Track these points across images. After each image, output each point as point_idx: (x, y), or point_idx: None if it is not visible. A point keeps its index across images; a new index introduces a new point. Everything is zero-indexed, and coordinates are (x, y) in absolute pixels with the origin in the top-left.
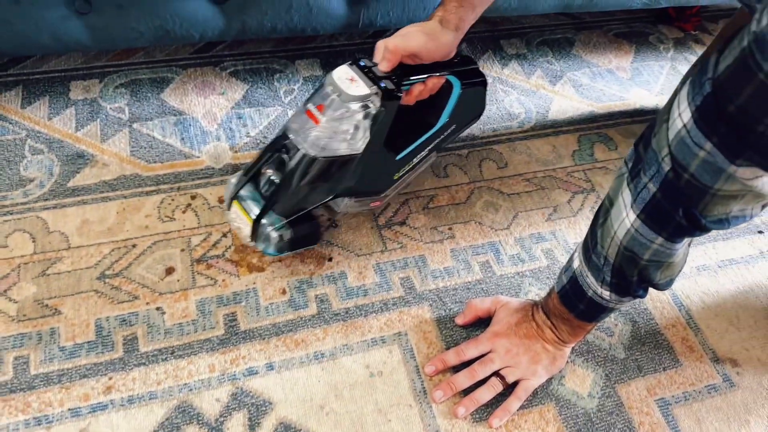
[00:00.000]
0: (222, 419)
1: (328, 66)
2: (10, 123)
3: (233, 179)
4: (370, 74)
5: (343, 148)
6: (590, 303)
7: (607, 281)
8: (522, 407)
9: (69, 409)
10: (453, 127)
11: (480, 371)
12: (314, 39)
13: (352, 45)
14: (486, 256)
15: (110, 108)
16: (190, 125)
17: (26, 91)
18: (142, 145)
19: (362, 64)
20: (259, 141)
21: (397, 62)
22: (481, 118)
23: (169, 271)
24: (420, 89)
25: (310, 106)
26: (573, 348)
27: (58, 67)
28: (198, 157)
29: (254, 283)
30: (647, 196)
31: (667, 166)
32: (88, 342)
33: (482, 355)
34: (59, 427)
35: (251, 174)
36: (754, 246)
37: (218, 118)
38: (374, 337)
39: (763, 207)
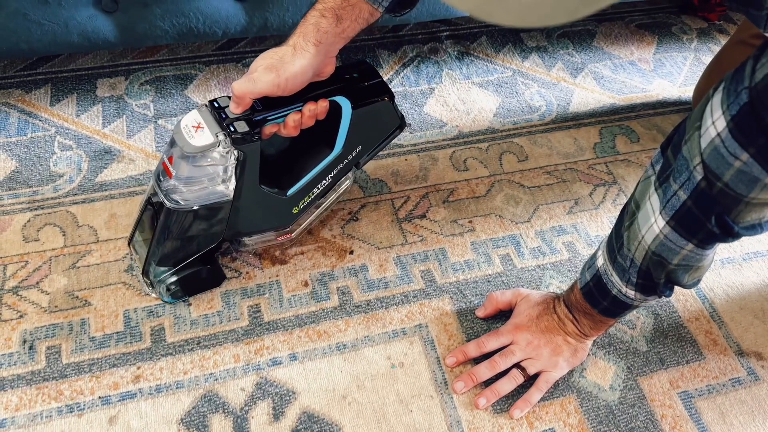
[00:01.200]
0: (247, 408)
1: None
2: (40, 120)
3: (131, 227)
4: (221, 117)
5: (208, 198)
6: (614, 301)
7: (633, 282)
8: (543, 399)
9: (99, 397)
10: (359, 148)
11: (501, 363)
12: None
13: (372, 40)
14: (507, 248)
15: (136, 105)
16: None
17: (55, 88)
18: (166, 140)
19: (216, 105)
20: None
21: (247, 106)
22: (501, 110)
23: None
24: (296, 119)
25: (165, 158)
26: (594, 340)
27: (86, 65)
28: None
29: (277, 276)
30: (677, 204)
31: (699, 174)
32: (117, 332)
33: (503, 347)
34: (90, 415)
35: (135, 226)
36: None
37: None
38: (395, 329)
39: None
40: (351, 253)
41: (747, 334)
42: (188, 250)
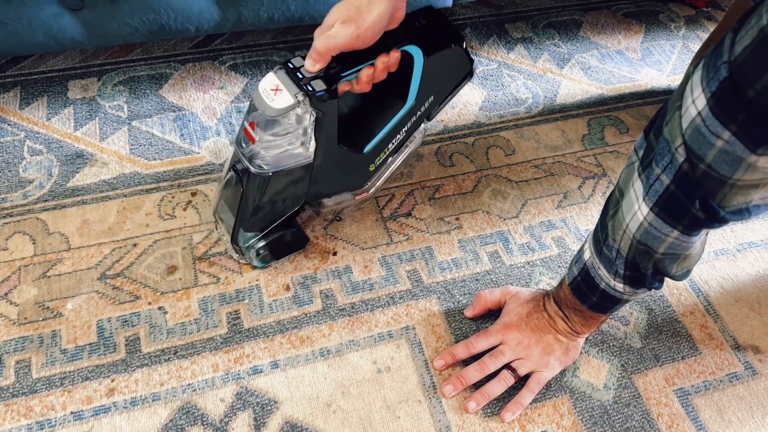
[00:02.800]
0: (227, 419)
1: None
2: (9, 124)
3: (214, 199)
4: (298, 77)
5: (290, 160)
6: (603, 295)
7: (621, 274)
8: (535, 400)
9: (72, 413)
10: (431, 99)
11: (491, 364)
12: (314, 28)
13: None
14: (495, 245)
15: (109, 106)
16: (189, 121)
17: (24, 91)
18: (141, 142)
19: (291, 65)
20: None
21: (326, 63)
22: (487, 104)
23: (171, 269)
24: (369, 73)
25: (246, 124)
26: (587, 338)
27: (56, 67)
28: (198, 153)
29: (257, 280)
30: (660, 189)
31: (681, 156)
32: (90, 344)
33: (492, 348)
34: (62, 431)
35: (220, 194)
36: None
37: (218, 112)
38: (381, 332)
39: None
40: (334, 254)
41: (743, 327)
42: (274, 214)
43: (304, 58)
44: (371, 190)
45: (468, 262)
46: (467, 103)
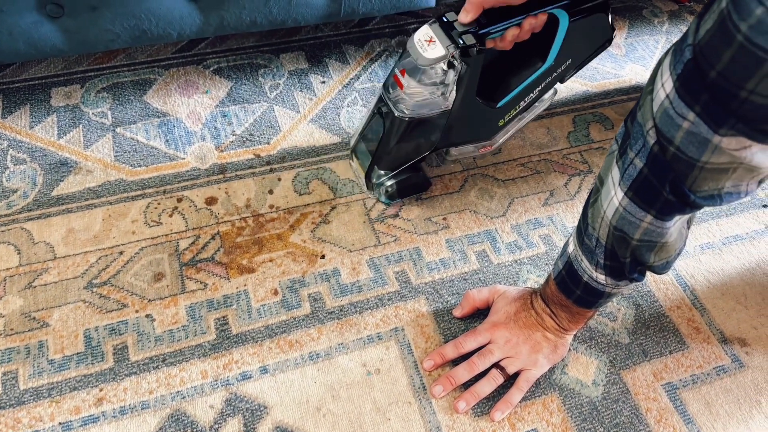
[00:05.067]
0: (216, 426)
1: (313, 58)
2: None
3: (353, 137)
4: (450, 30)
5: (430, 108)
6: (587, 288)
7: (601, 264)
8: (524, 398)
9: (60, 423)
10: (569, 62)
11: (479, 363)
12: (298, 31)
13: (337, 35)
14: (482, 245)
15: (92, 113)
16: (174, 126)
17: (6, 100)
18: (126, 149)
19: (445, 19)
20: (245, 139)
21: (478, 14)
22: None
23: (158, 276)
24: (515, 33)
25: (397, 71)
26: (575, 335)
27: (38, 75)
28: (183, 158)
29: (245, 285)
30: (634, 173)
31: (652, 139)
32: (78, 353)
33: (481, 347)
34: None
35: (362, 133)
36: (759, 220)
37: (203, 117)
38: (370, 334)
39: (760, 183)
40: (322, 257)
41: (730, 320)
42: (407, 157)
43: (457, 13)
44: (494, 145)
45: (456, 261)
46: None
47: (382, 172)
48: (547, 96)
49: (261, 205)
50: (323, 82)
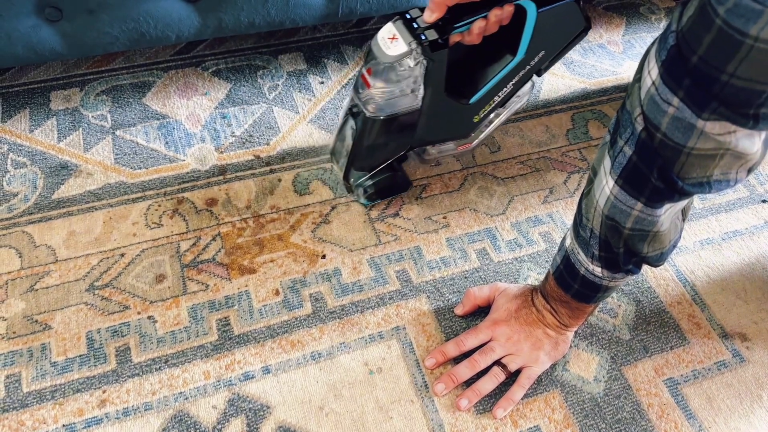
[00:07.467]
0: (220, 426)
1: (312, 59)
2: None
3: (331, 140)
4: (413, 27)
5: (400, 106)
6: (584, 282)
7: (596, 256)
8: (526, 395)
9: (63, 425)
10: (542, 54)
11: (481, 361)
12: (296, 32)
13: (335, 36)
14: (482, 243)
15: (92, 116)
16: (173, 128)
17: (6, 104)
18: (126, 152)
19: (408, 16)
20: (244, 140)
21: (442, 13)
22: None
23: (159, 278)
24: (481, 25)
25: (364, 70)
26: (576, 332)
27: (38, 78)
28: (183, 160)
29: (246, 286)
30: (624, 160)
31: (640, 126)
32: (80, 355)
33: (483, 345)
34: None
35: (338, 135)
36: (759, 215)
37: (202, 119)
38: (372, 333)
39: (749, 171)
40: (323, 257)
41: (730, 315)
42: (383, 156)
43: (422, 10)
44: (474, 143)
45: (456, 260)
46: None
47: (360, 173)
48: (524, 90)
49: (261, 205)
50: (322, 83)
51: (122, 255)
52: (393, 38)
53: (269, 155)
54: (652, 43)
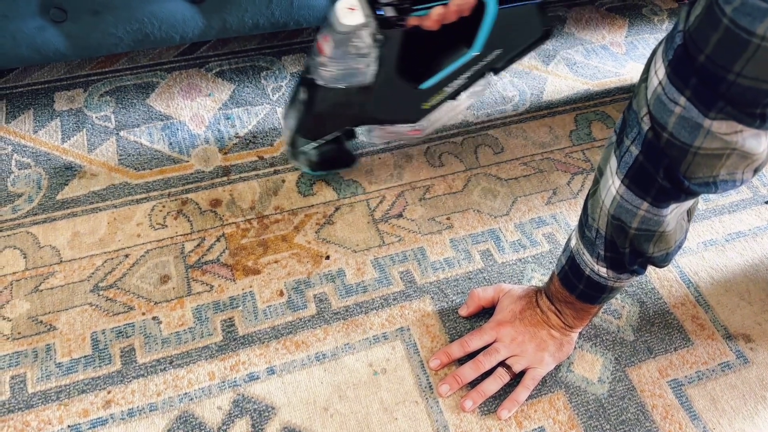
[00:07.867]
0: (224, 427)
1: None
2: None
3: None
4: (374, 2)
5: (352, 79)
6: (589, 282)
7: (602, 256)
8: (531, 397)
9: (69, 426)
10: (498, 52)
11: (485, 362)
12: (300, 33)
13: None
14: (486, 244)
15: (96, 117)
16: (177, 129)
17: (10, 105)
18: (129, 152)
19: None
20: (248, 141)
21: None
22: (474, 103)
23: (164, 279)
24: (440, 12)
25: (319, 37)
26: (580, 333)
27: (42, 79)
28: (187, 161)
29: (251, 287)
30: (630, 160)
31: (646, 126)
32: (85, 356)
33: (487, 346)
34: None
35: (291, 101)
36: (762, 217)
37: (206, 120)
38: (376, 334)
39: (755, 171)
40: (327, 258)
41: (734, 316)
42: (329, 127)
43: None
44: (424, 131)
45: (460, 261)
46: None
47: (305, 140)
48: (479, 87)
49: (265, 206)
50: None
51: (127, 256)
52: (352, 9)
53: (273, 156)
54: (659, 43)
